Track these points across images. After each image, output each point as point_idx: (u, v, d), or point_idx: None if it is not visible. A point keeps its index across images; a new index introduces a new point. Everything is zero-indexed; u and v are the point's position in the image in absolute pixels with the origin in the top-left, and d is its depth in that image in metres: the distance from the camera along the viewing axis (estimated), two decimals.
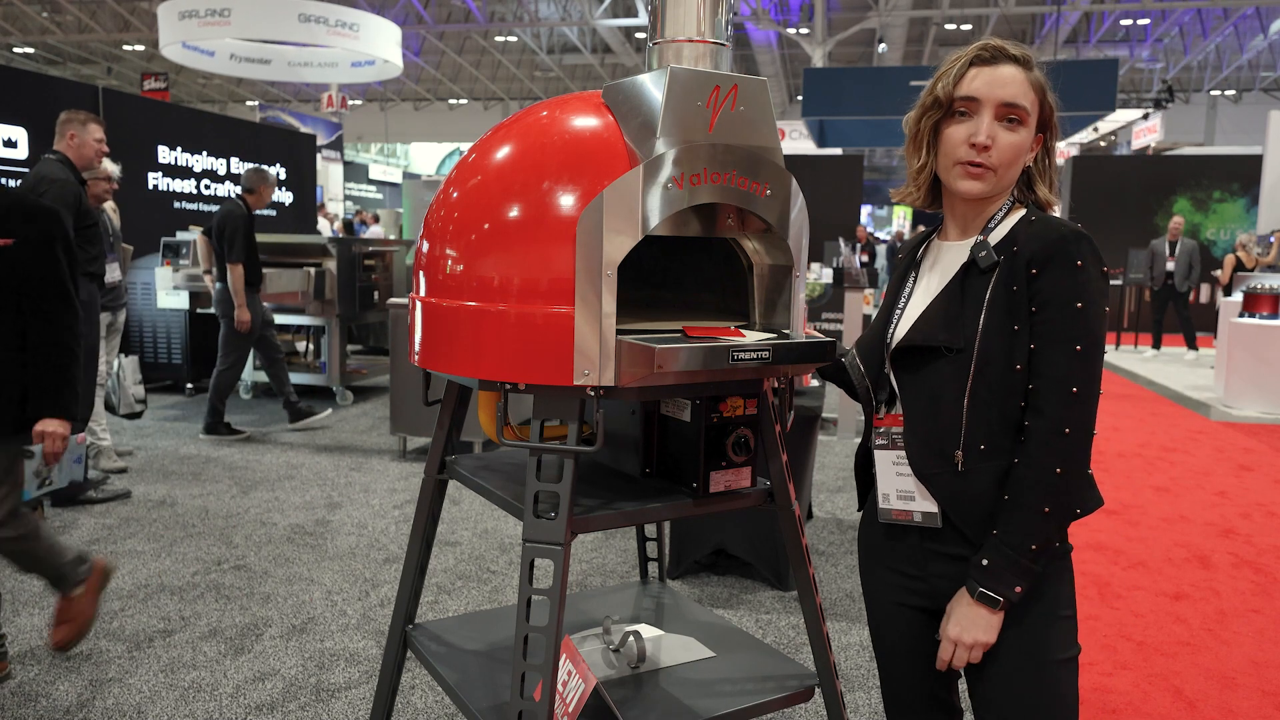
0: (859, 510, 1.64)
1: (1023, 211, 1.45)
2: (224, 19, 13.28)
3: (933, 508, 1.44)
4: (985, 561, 1.36)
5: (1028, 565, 1.34)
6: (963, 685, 2.15)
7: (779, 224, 1.64)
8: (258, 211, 6.15)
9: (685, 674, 1.85)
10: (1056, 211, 1.50)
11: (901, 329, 1.49)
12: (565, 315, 1.44)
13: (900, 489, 1.48)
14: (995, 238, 1.43)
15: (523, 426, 1.70)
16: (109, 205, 5.51)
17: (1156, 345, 11.36)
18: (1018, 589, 1.34)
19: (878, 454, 1.52)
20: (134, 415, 5.39)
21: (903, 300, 1.54)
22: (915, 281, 1.55)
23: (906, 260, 1.60)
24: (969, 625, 1.38)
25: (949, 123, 1.43)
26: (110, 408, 5.38)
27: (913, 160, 1.50)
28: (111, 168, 5.15)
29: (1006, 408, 1.38)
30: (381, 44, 14.69)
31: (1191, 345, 11.00)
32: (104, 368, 5.23)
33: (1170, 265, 10.91)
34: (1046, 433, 1.34)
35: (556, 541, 1.52)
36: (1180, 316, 11.06)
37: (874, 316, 1.60)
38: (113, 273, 5.15)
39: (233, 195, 6.14)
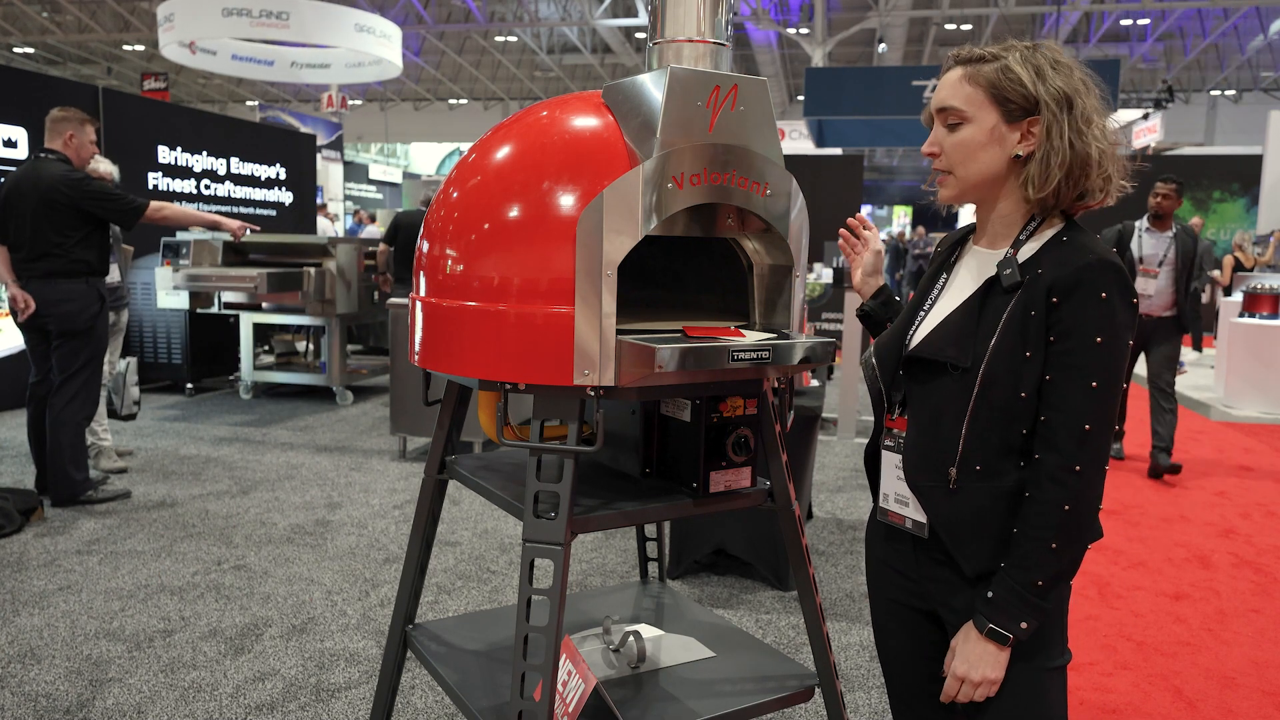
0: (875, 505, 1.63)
1: (1057, 228, 1.40)
2: (171, 24, 13.32)
3: (923, 518, 1.43)
4: (991, 594, 1.34)
5: (1034, 601, 1.31)
6: None
7: (779, 224, 1.64)
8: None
9: (685, 674, 1.85)
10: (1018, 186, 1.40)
11: (919, 334, 1.46)
12: (565, 315, 1.44)
13: (898, 493, 1.47)
14: (1025, 254, 1.38)
15: (523, 426, 1.70)
16: None
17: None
18: (1024, 625, 1.32)
19: (885, 455, 1.51)
20: (130, 417, 5.40)
21: (928, 303, 1.50)
22: (945, 283, 1.51)
23: (941, 259, 1.56)
24: (976, 662, 1.35)
25: None
26: (112, 409, 5.38)
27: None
28: (110, 168, 5.15)
29: (1008, 433, 1.35)
30: (316, 30, 13.69)
31: (1197, 346, 10.98)
32: (107, 368, 5.23)
33: None
34: (1056, 468, 1.30)
35: (556, 541, 1.52)
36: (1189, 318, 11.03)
37: (902, 313, 1.57)
38: (113, 274, 5.16)
39: (420, 207, 6.43)
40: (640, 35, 24.98)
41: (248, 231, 4.76)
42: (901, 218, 35.45)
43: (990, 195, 1.43)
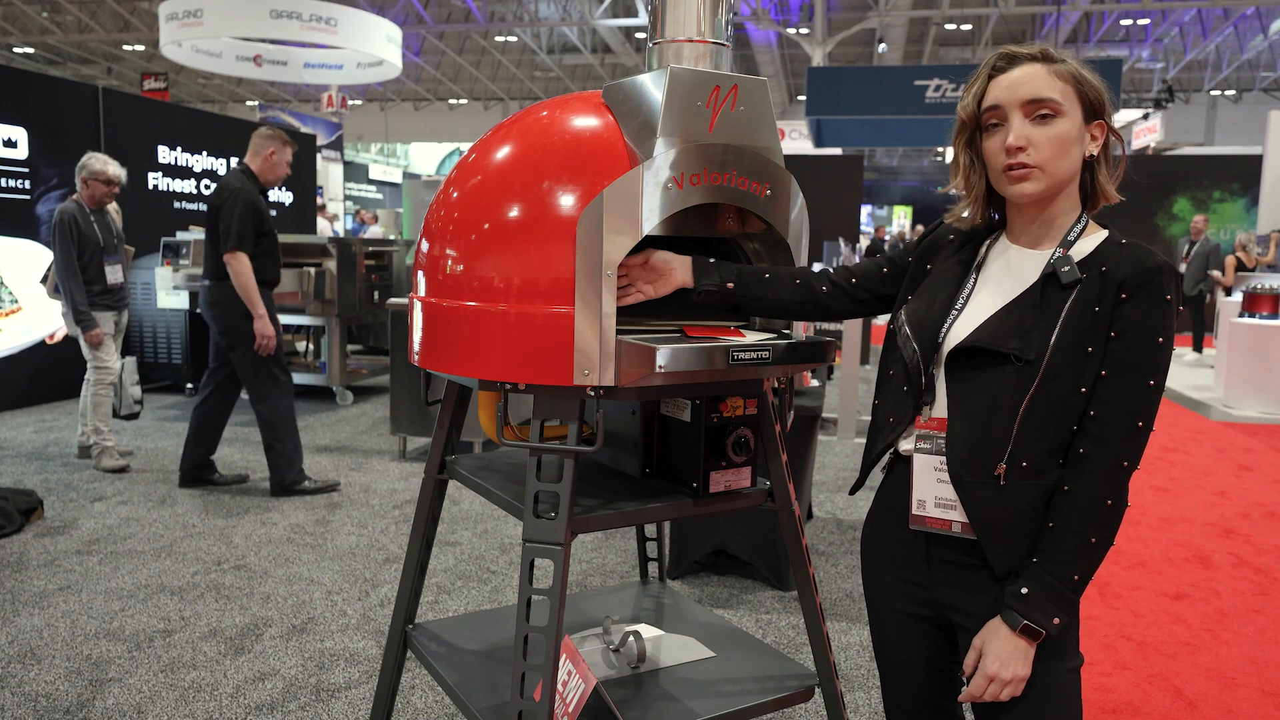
0: (851, 493, 1.60)
1: (1105, 232, 1.41)
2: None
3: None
4: (1025, 590, 1.32)
5: (1070, 596, 1.31)
6: None
7: (779, 224, 1.64)
8: None
9: (685, 674, 1.85)
10: (1110, 202, 1.43)
11: (959, 330, 1.42)
12: (565, 315, 1.44)
13: (940, 496, 1.42)
14: (1077, 253, 1.37)
15: (523, 426, 1.70)
16: (112, 207, 5.51)
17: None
18: (1056, 620, 1.31)
19: (917, 458, 1.44)
20: (131, 416, 5.39)
21: (960, 300, 1.45)
22: (976, 281, 1.46)
23: (965, 256, 1.50)
24: (1009, 659, 1.33)
25: (985, 138, 1.40)
26: (113, 409, 5.39)
27: (957, 183, 1.47)
28: (118, 171, 5.15)
29: (1061, 428, 1.34)
30: (233, 21, 13.34)
31: (1197, 348, 10.99)
32: (115, 367, 5.23)
33: (1182, 267, 10.86)
34: (1106, 464, 1.30)
35: (556, 541, 1.52)
36: (1192, 319, 11.04)
37: (923, 302, 1.49)
38: (115, 275, 5.16)
39: None
40: (640, 35, 24.98)
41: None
42: (901, 218, 35.46)
43: (1059, 194, 1.40)
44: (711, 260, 1.63)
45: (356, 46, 14.53)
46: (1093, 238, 1.40)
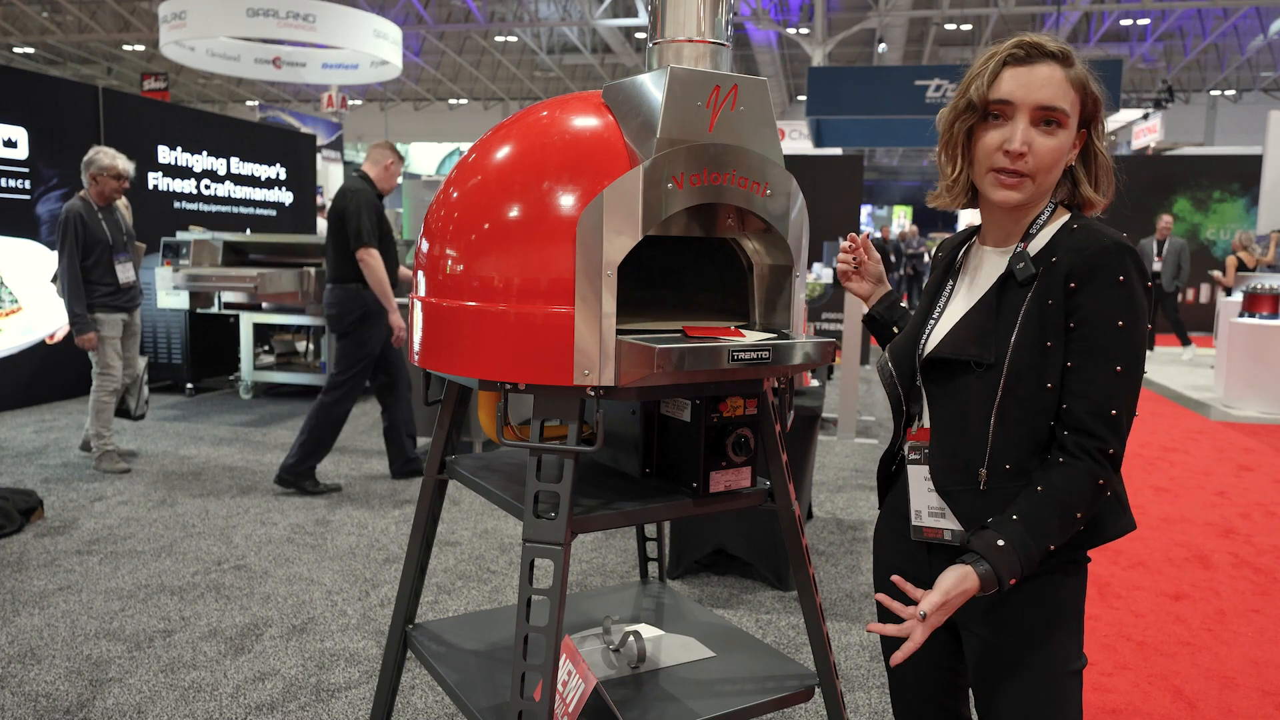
0: (878, 508, 1.61)
1: (1065, 218, 1.37)
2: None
3: (960, 526, 1.39)
4: (1001, 542, 1.27)
5: (1037, 560, 1.28)
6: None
7: (779, 224, 1.64)
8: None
9: (685, 674, 1.85)
10: (1098, 209, 1.41)
11: (934, 338, 1.43)
12: (565, 315, 1.44)
13: (931, 505, 1.42)
14: (1036, 246, 1.35)
15: (523, 426, 1.71)
16: (122, 203, 5.48)
17: (1150, 346, 11.36)
18: (1012, 580, 1.27)
19: (910, 469, 1.46)
20: (140, 416, 5.41)
21: (938, 309, 1.46)
22: (953, 288, 1.47)
23: (945, 263, 1.52)
24: (957, 588, 1.25)
25: (983, 127, 1.34)
26: (125, 409, 5.37)
27: (946, 166, 1.41)
28: (126, 165, 5.11)
29: (1036, 427, 1.32)
30: (209, 23, 13.58)
31: (1185, 342, 11.00)
32: (119, 372, 5.20)
33: (1157, 265, 10.89)
34: (1094, 449, 1.27)
35: (556, 541, 1.52)
36: (1169, 318, 11.06)
37: (910, 319, 1.54)
38: (125, 273, 5.10)
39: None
40: (640, 35, 24.98)
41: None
42: (901, 218, 35.45)
43: (1040, 201, 1.38)
44: (900, 305, 1.73)
45: (337, 42, 14.46)
46: (1052, 226, 1.37)
